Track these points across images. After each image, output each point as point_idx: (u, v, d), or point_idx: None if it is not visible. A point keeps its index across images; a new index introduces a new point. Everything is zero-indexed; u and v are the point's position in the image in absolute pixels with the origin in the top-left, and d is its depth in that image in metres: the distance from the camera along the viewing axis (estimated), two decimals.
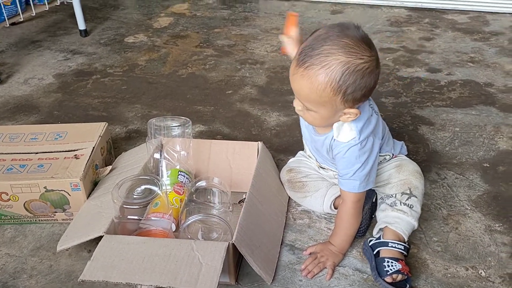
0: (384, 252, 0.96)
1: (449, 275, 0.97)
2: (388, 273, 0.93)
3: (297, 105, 0.94)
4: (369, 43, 0.87)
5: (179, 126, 1.18)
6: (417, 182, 1.04)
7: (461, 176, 1.24)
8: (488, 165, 1.28)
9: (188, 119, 1.18)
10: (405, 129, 1.44)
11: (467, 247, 1.03)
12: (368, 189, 1.00)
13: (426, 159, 1.31)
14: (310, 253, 1.01)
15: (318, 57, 0.85)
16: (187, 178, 1.13)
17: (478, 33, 2.08)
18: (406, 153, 1.14)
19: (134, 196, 0.96)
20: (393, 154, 1.10)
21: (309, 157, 1.16)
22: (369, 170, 0.97)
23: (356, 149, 0.95)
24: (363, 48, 0.85)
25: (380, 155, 1.06)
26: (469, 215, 1.12)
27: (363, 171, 0.96)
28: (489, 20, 2.19)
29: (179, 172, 1.12)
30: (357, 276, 0.97)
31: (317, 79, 0.85)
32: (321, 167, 1.14)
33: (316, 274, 0.97)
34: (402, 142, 1.14)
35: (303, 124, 1.10)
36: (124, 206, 0.93)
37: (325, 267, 0.98)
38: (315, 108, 0.91)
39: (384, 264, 0.94)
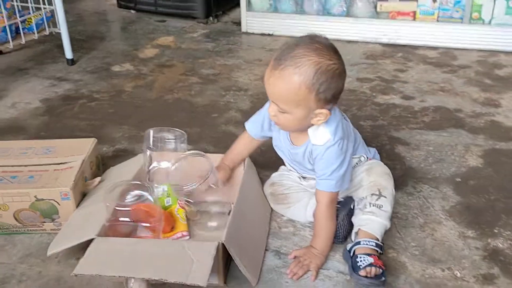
0: (357, 250, 1.02)
1: (426, 276, 1.02)
2: (361, 267, 0.97)
3: (272, 110, 1.02)
4: (336, 50, 0.98)
5: (174, 139, 1.23)
6: (386, 183, 1.11)
7: (435, 189, 1.31)
8: (460, 180, 1.36)
9: (183, 132, 1.23)
10: (383, 148, 1.52)
11: (443, 251, 1.09)
12: (343, 189, 1.07)
13: (403, 174, 1.38)
14: (295, 257, 1.05)
15: (292, 59, 0.93)
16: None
17: (447, 66, 2.22)
18: (379, 159, 1.22)
19: (127, 199, 0.99)
20: (367, 157, 1.17)
21: (290, 170, 1.22)
22: (345, 171, 1.04)
23: (333, 150, 1.02)
24: (332, 53, 0.95)
25: (355, 157, 1.13)
26: (444, 223, 1.18)
27: (339, 171, 1.03)
28: (457, 55, 2.34)
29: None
30: (340, 277, 1.02)
31: (292, 79, 0.93)
32: (302, 177, 1.20)
33: (301, 276, 1.01)
34: (375, 148, 1.23)
35: (278, 146, 1.18)
36: (117, 208, 0.97)
37: (309, 270, 1.02)
38: (290, 109, 0.97)
39: (357, 260, 0.99)
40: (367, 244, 1.02)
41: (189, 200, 1.12)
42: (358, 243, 1.02)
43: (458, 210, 1.23)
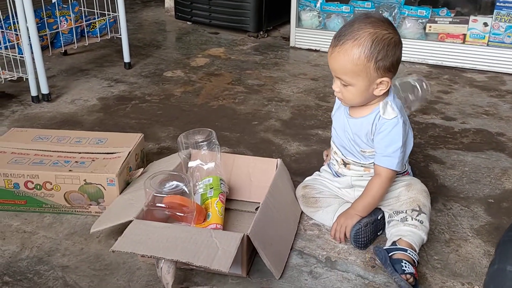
0: (400, 255, 1.05)
1: None
2: (405, 271, 1.00)
3: (336, 86, 1.10)
4: (390, 22, 1.07)
5: (205, 141, 1.31)
6: (425, 200, 1.14)
7: (466, 208, 1.32)
8: (492, 201, 1.35)
9: (212, 130, 1.31)
10: (417, 165, 1.53)
11: (466, 266, 1.10)
12: (400, 170, 1.14)
13: (434, 191, 1.39)
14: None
15: (350, 34, 1.03)
16: (225, 186, 1.24)
17: (494, 90, 2.19)
18: (412, 174, 1.24)
19: (165, 187, 1.07)
20: (406, 170, 1.20)
21: (335, 153, 1.25)
22: (404, 154, 1.12)
23: (400, 127, 1.09)
24: (387, 25, 1.05)
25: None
26: (470, 240, 1.19)
27: (402, 151, 1.10)
28: (506, 80, 2.30)
29: (220, 181, 1.23)
30: (359, 281, 1.05)
31: (352, 51, 1.03)
32: (344, 163, 1.23)
33: (343, 239, 1.14)
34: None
35: (335, 123, 1.23)
36: (155, 194, 1.05)
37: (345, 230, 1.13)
38: (353, 80, 1.06)
39: (401, 264, 1.02)
40: (411, 254, 1.05)
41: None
42: (405, 250, 1.06)
43: (486, 230, 1.23)
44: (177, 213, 1.09)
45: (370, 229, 1.14)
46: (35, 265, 1.08)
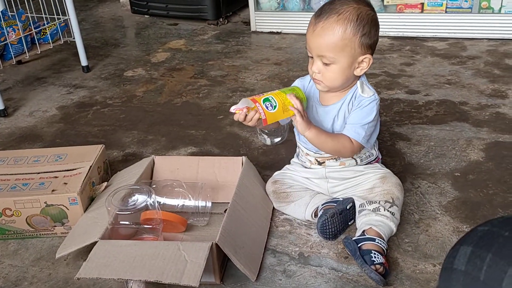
0: (369, 245, 1.05)
1: (417, 271, 1.04)
2: (374, 262, 1.01)
3: (316, 67, 1.09)
4: (369, 3, 1.08)
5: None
6: (399, 194, 1.15)
7: (433, 184, 1.33)
8: (459, 174, 1.36)
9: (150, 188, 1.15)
10: (383, 144, 1.54)
11: (436, 246, 1.11)
12: (366, 146, 1.15)
13: (402, 170, 1.40)
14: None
15: (333, 9, 1.05)
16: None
17: (456, 57, 2.20)
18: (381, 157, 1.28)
19: (128, 204, 1.05)
20: (377, 155, 1.23)
21: (306, 154, 1.24)
22: (372, 130, 1.14)
23: (374, 104, 1.12)
24: (367, 3, 1.07)
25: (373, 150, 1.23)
26: (439, 218, 1.20)
27: (370, 127, 1.12)
28: (466, 46, 2.32)
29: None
30: (332, 274, 1.05)
31: (337, 25, 1.04)
32: (318, 162, 1.22)
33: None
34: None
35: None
36: (118, 212, 1.02)
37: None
38: (337, 56, 1.06)
39: (371, 254, 1.02)
40: (380, 244, 1.05)
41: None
42: (373, 239, 1.05)
43: (454, 205, 1.24)
44: (145, 226, 1.07)
45: (338, 219, 1.13)
46: None
